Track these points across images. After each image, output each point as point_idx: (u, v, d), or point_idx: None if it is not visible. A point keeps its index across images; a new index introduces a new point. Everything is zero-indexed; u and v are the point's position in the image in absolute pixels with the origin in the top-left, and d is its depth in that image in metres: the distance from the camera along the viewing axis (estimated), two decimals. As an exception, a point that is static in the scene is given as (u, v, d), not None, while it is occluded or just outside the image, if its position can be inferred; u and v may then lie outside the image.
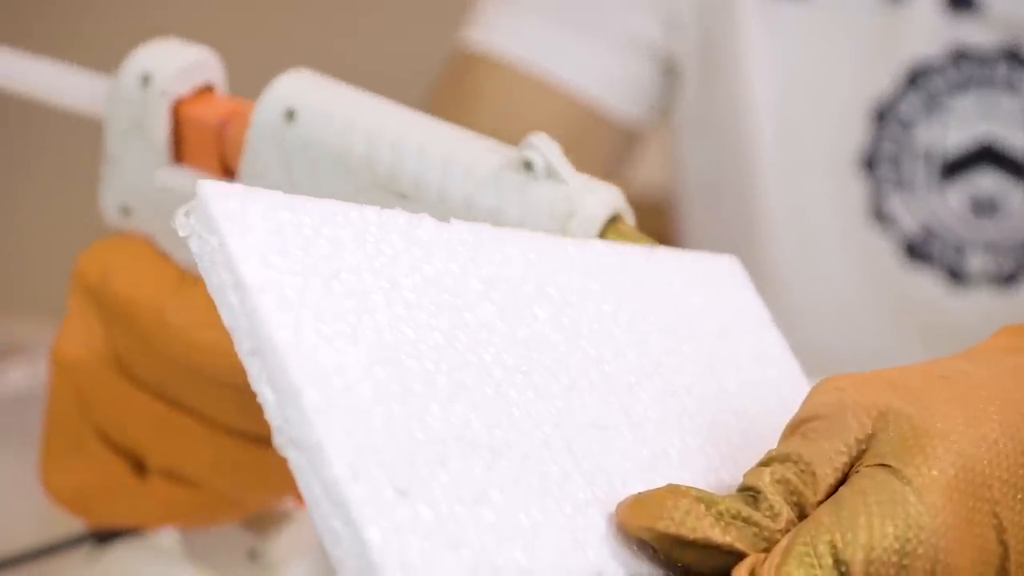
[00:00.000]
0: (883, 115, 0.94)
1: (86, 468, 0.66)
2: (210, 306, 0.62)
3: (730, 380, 0.55)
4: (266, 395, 0.43)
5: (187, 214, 0.44)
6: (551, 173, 0.58)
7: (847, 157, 0.95)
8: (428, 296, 0.48)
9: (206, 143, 0.63)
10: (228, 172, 0.63)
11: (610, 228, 0.58)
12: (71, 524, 0.73)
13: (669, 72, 1.01)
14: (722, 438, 0.53)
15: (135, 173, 0.64)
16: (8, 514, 0.92)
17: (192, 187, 0.62)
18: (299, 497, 0.69)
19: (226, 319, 0.43)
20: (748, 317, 0.59)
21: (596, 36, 0.99)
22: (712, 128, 1.00)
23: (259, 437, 0.64)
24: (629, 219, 0.59)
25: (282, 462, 0.65)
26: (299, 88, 0.61)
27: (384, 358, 0.45)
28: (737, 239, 1.01)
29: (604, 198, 0.58)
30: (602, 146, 1.00)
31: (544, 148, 0.58)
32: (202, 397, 0.63)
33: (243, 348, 0.43)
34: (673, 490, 0.47)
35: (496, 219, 0.57)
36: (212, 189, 0.44)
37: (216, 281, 0.44)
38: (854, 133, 0.95)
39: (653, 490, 0.47)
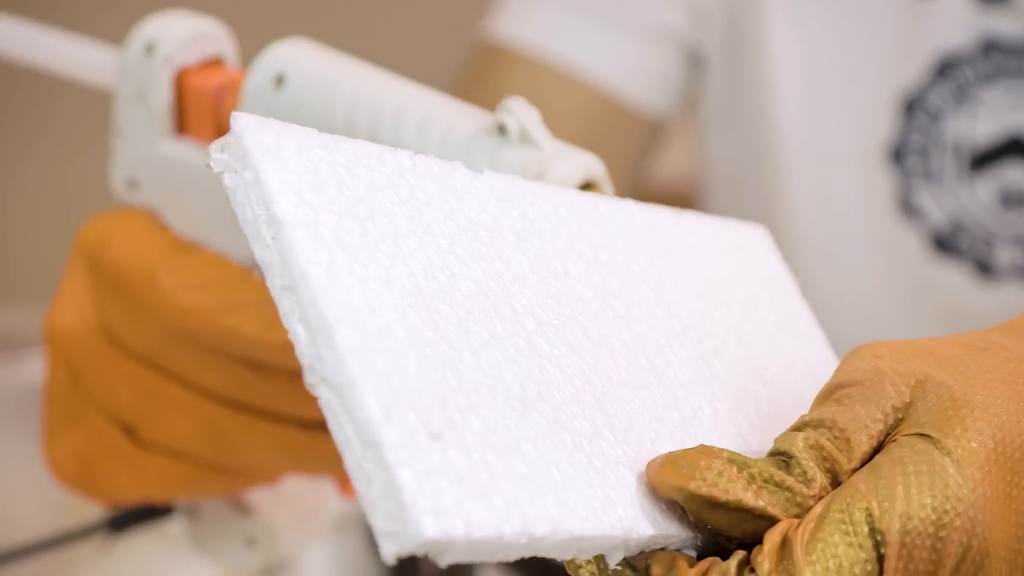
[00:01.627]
0: (911, 106, 0.93)
1: (85, 441, 0.65)
2: (201, 270, 0.62)
3: (758, 349, 0.55)
4: (298, 332, 0.42)
5: (222, 149, 0.43)
6: (525, 138, 0.56)
7: (875, 149, 0.94)
8: (461, 244, 0.47)
9: (206, 112, 0.62)
10: None
11: None
12: (86, 513, 0.72)
13: (694, 62, 1.00)
14: (751, 406, 0.52)
15: (140, 145, 0.63)
16: (26, 504, 0.92)
17: (195, 158, 0.62)
18: (288, 469, 0.68)
19: (259, 254, 0.43)
20: (776, 287, 0.58)
21: (620, 26, 0.98)
22: (738, 119, 0.99)
23: (244, 406, 0.63)
24: (607, 191, 0.57)
25: (268, 432, 0.64)
26: (291, 54, 0.60)
27: (418, 302, 0.44)
28: (763, 231, 1.00)
29: (578, 163, 0.56)
30: (627, 137, 0.99)
31: (520, 112, 0.56)
32: (189, 363, 0.63)
33: (275, 284, 0.42)
34: (706, 451, 0.46)
35: None
36: (248, 122, 0.43)
37: (249, 216, 0.43)
38: (882, 124, 0.94)
39: (685, 450, 0.46)
